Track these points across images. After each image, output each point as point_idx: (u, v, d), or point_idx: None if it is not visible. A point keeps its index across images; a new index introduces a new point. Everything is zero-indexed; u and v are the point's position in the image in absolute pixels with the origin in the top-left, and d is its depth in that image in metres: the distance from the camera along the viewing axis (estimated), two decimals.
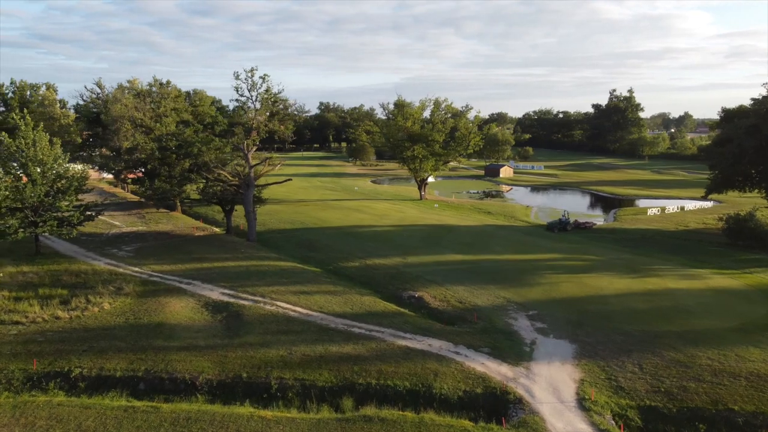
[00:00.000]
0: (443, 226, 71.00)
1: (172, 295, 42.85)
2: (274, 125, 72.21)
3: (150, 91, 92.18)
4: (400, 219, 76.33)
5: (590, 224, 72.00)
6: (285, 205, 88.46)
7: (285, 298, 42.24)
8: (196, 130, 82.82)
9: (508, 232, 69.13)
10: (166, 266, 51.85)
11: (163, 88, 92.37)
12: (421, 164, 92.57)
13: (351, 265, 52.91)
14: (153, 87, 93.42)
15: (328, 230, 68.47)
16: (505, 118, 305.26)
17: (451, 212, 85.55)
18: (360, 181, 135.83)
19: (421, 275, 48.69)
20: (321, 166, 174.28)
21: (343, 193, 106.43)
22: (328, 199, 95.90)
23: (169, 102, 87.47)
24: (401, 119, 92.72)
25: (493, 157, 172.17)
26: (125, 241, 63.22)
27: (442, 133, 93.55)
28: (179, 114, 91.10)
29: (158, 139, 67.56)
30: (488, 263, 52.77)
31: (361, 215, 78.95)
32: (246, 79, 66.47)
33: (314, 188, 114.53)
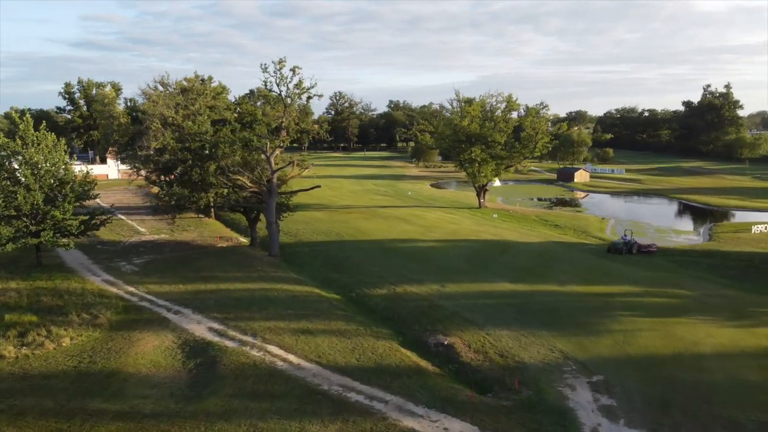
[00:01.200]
0: (498, 243, 60.65)
1: (150, 329, 35.67)
2: (307, 124, 64.51)
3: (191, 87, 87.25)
4: (450, 232, 66.58)
5: (652, 248, 59.25)
6: (327, 212, 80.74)
7: (280, 339, 33.98)
8: (233, 129, 76.67)
9: (576, 253, 57.87)
10: (166, 286, 45.19)
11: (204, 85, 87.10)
12: (479, 168, 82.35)
13: (377, 292, 44.01)
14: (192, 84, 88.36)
15: (364, 245, 59.84)
16: (584, 117, 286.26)
17: (511, 224, 74.77)
18: (419, 184, 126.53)
19: (457, 311, 39.07)
20: (381, 167, 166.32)
21: (394, 199, 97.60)
22: (376, 206, 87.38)
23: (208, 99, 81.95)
24: (457, 117, 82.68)
25: (568, 160, 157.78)
26: (139, 252, 57.47)
27: (504, 134, 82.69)
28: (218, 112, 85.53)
29: (181, 140, 61.24)
30: (546, 297, 42.31)
31: (406, 226, 69.82)
32: (274, 72, 58.92)
33: (365, 192, 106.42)
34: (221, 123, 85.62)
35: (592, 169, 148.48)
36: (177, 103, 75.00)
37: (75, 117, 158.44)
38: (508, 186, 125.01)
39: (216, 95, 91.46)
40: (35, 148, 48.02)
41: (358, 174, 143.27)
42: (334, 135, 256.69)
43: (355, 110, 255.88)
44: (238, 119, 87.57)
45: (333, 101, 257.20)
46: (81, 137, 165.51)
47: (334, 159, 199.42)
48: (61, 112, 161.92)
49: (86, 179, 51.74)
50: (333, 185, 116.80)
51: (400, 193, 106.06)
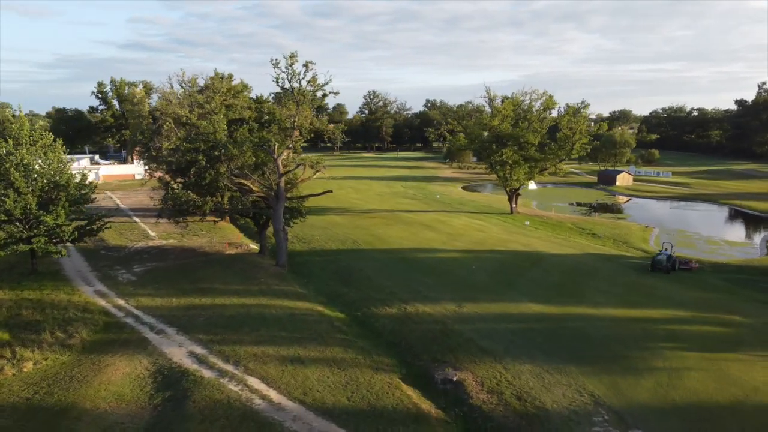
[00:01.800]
0: (528, 255, 55.17)
1: (126, 352, 32.05)
2: (322, 123, 60.36)
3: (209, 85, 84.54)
4: (476, 241, 61.37)
5: (691, 264, 52.45)
6: (348, 217, 76.52)
7: (264, 370, 29.81)
8: (251, 129, 73.28)
9: (615, 267, 51.91)
10: (159, 299, 41.77)
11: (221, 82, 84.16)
12: (511, 171, 76.73)
13: (385, 311, 39.40)
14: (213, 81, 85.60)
15: (380, 255, 55.29)
16: (628, 117, 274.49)
17: (544, 232, 68.95)
18: (450, 186, 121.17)
19: (473, 338, 34.15)
20: (413, 168, 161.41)
21: (421, 203, 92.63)
22: (401, 210, 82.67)
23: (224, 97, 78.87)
24: (487, 117, 77.19)
25: (610, 162, 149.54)
26: (142, 259, 54.42)
27: (538, 134, 76.71)
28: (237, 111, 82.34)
29: (189, 139, 57.94)
30: (578, 322, 36.90)
31: (429, 234, 64.92)
32: (286, 67, 54.95)
33: (392, 195, 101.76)
34: (239, 122, 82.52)
35: (635, 171, 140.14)
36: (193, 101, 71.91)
37: (107, 116, 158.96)
38: (545, 189, 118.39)
39: (236, 93, 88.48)
40: (27, 149, 45.22)
41: (388, 175, 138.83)
42: (368, 135, 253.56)
43: (389, 110, 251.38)
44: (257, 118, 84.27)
45: (367, 100, 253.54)
46: (113, 137, 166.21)
47: (366, 159, 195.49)
48: (94, 112, 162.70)
49: (82, 182, 48.73)
50: (360, 187, 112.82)
51: (428, 196, 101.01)
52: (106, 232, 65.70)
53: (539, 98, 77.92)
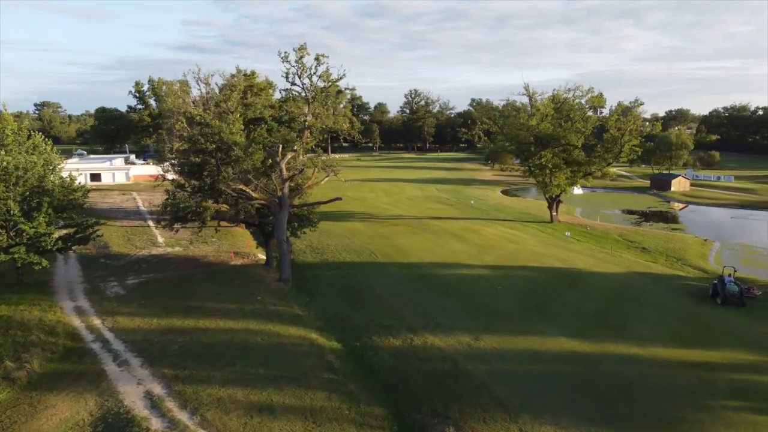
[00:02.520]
0: (565, 273, 48.34)
1: (74, 390, 27.59)
2: (337, 123, 55.05)
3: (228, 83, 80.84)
4: (507, 255, 54.82)
5: (753, 291, 43.84)
6: (371, 223, 71.05)
7: (224, 422, 24.70)
8: (270, 128, 68.91)
9: (667, 291, 44.51)
10: (139, 320, 37.45)
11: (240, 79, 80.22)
12: (551, 176, 69.59)
13: (388, 342, 33.71)
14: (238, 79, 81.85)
15: (397, 269, 49.55)
16: (686, 116, 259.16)
17: (586, 245, 61.59)
18: (488, 190, 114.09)
19: (486, 383, 28.11)
20: (452, 170, 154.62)
21: (453, 209, 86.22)
22: (430, 217, 76.62)
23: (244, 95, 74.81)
24: (525, 115, 70.17)
25: (665, 165, 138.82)
26: (139, 270, 50.54)
27: (581, 135, 69.17)
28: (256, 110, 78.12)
29: (191, 140, 53.73)
30: (617, 365, 30.25)
31: (456, 245, 58.71)
32: (295, 61, 49.91)
33: (423, 199, 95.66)
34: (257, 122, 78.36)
35: (693, 175, 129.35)
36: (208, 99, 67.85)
37: (144, 116, 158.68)
38: (591, 195, 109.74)
39: (258, 91, 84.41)
40: (5, 149, 41.64)
41: (424, 178, 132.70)
42: (409, 135, 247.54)
43: (431, 109, 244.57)
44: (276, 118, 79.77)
45: (408, 99, 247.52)
46: (151, 136, 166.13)
47: (405, 160, 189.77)
48: (132, 111, 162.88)
49: (69, 186, 44.91)
50: (392, 190, 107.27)
51: (462, 201, 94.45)
52: (112, 238, 62.70)
53: (584, 95, 70.43)
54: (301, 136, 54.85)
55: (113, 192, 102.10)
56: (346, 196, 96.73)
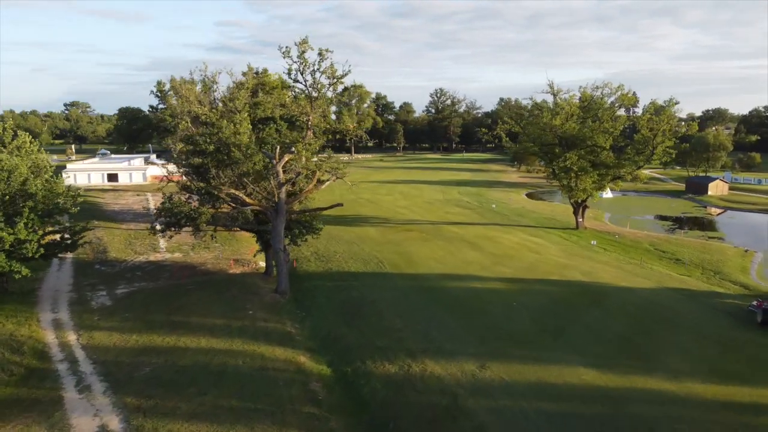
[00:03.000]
0: (589, 288, 43.86)
1: (21, 423, 24.78)
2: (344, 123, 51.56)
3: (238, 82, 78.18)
4: (526, 266, 50.51)
5: None
6: (383, 228, 67.37)
7: None
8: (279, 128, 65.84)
9: (703, 312, 39.69)
10: (116, 336, 34.67)
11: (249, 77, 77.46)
12: (576, 180, 64.80)
13: (383, 369, 30.03)
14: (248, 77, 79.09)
15: (404, 281, 45.79)
16: (724, 116, 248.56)
17: (614, 255, 56.76)
18: (512, 193, 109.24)
19: (488, 426, 24.19)
20: (477, 172, 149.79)
21: (473, 213, 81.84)
22: (446, 222, 72.51)
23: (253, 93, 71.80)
24: (548, 114, 65.46)
25: (701, 167, 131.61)
26: (132, 278, 47.96)
27: (609, 135, 64.15)
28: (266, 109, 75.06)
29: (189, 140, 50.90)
30: (645, 406, 25.95)
31: (471, 254, 54.62)
32: (297, 56, 46.64)
33: (443, 203, 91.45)
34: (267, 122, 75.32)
35: (731, 178, 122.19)
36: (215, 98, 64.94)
37: (166, 115, 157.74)
38: (622, 198, 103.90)
39: (270, 89, 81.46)
40: None
41: (447, 179, 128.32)
42: (434, 135, 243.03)
43: (457, 108, 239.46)
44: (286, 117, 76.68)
45: (433, 98, 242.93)
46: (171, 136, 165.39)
47: (429, 161, 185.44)
48: (154, 111, 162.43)
49: (54, 190, 42.27)
50: (411, 193, 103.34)
51: (483, 205, 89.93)
52: (114, 242, 60.33)
53: (613, 93, 65.38)
54: (304, 137, 51.64)
55: (128, 192, 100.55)
56: (362, 199, 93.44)
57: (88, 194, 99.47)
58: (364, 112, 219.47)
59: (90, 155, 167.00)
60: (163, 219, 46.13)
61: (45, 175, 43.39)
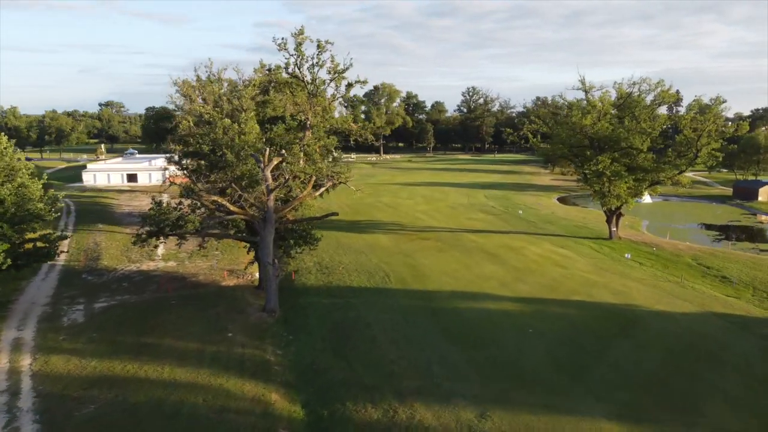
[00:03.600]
0: (619, 313, 38.24)
1: None
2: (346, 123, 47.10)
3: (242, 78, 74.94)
4: (548, 283, 45.06)
5: None
6: (398, 236, 62.61)
7: None
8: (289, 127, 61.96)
9: (754, 345, 33.65)
10: (74, 362, 31.27)
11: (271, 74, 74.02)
12: (610, 185, 58.77)
13: (365, 414, 25.41)
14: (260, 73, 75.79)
15: (408, 299, 41.03)
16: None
17: (650, 271, 50.66)
18: (542, 197, 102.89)
19: None
20: (507, 174, 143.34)
21: (498, 220, 76.19)
22: (467, 230, 67.25)
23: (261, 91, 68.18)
24: (577, 113, 59.46)
25: (750, 170, 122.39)
26: (116, 290, 44.62)
27: (647, 137, 57.82)
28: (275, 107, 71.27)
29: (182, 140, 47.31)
30: None
31: (489, 268, 49.43)
32: (294, 49, 42.38)
33: (466, 208, 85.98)
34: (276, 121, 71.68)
35: None
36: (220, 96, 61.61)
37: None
38: (662, 204, 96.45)
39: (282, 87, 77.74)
40: None
41: (475, 182, 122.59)
42: (466, 135, 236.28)
43: (490, 108, 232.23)
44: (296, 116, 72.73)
45: (465, 97, 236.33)
46: None
47: (459, 162, 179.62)
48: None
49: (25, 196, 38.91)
50: (434, 196, 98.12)
51: (510, 211, 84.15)
52: (110, 248, 57.30)
53: (652, 89, 58.96)
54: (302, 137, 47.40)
55: (144, 194, 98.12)
56: (380, 203, 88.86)
57: (103, 195, 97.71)
58: (392, 112, 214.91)
59: (119, 155, 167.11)
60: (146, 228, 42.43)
61: (19, 179, 40.15)
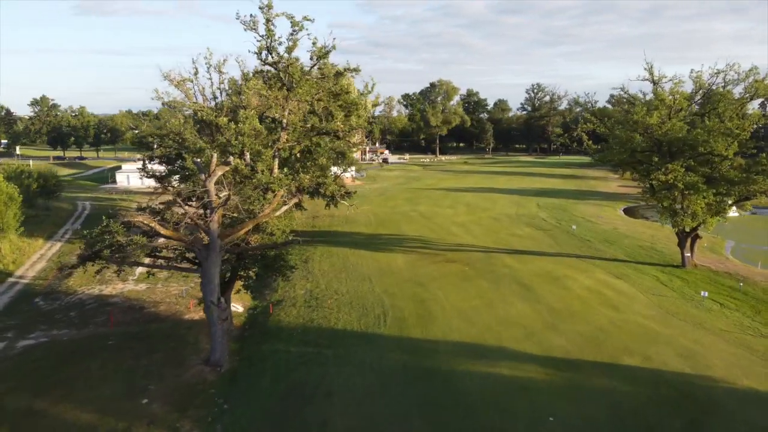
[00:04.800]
0: (689, 390, 27.01)
1: None
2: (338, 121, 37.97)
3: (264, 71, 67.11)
4: (590, 334, 34.02)
5: None
6: (416, 257, 52.82)
7: None
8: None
9: None
10: None
11: None
12: (683, 200, 46.49)
13: None
14: None
15: (396, 355, 31.36)
16: None
17: (735, 317, 38.32)
18: (606, 208, 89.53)
19: None
20: (570, 179, 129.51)
21: (545, 237, 64.36)
22: (504, 250, 56.38)
23: None
24: (641, 110, 47.22)
25: None
26: (57, 321, 37.74)
27: (734, 140, 45.03)
28: None
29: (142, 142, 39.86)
30: None
31: (517, 307, 38.83)
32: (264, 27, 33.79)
33: (512, 220, 74.47)
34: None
35: None
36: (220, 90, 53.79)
37: None
38: (752, 219, 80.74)
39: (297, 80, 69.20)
40: None
41: (531, 188, 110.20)
42: (530, 135, 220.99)
43: (556, 106, 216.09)
44: None
45: (530, 95, 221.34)
46: None
47: (519, 165, 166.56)
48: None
49: None
50: (480, 205, 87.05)
51: (563, 224, 71.98)
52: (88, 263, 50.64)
53: (741, 80, 46.10)
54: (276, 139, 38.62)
55: None
56: (415, 212, 79.01)
57: (129, 198, 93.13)
58: (450, 110, 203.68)
59: None
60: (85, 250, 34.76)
61: None
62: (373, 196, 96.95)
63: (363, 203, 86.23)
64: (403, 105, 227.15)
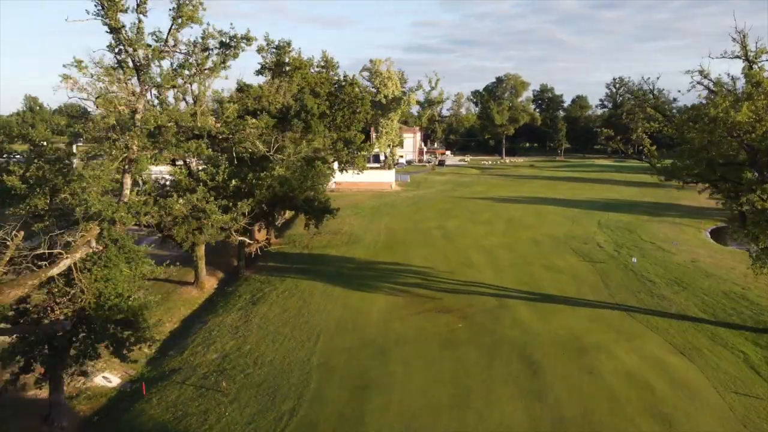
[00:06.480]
0: None
1: None
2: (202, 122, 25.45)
3: None
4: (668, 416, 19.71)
5: None
6: (405, 300, 39.58)
7: None
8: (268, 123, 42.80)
9: None
10: None
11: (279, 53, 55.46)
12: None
13: None
14: None
15: None
16: None
17: None
18: (685, 227, 71.45)
19: None
20: (649, 187, 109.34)
21: (589, 273, 48.57)
22: (525, 294, 41.78)
23: None
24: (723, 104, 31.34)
25: None
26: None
27: None
28: None
29: None
30: None
31: (505, 412, 24.96)
32: None
33: (555, 246, 58.68)
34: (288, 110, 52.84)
35: None
36: None
37: None
38: None
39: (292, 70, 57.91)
40: None
41: (596, 198, 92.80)
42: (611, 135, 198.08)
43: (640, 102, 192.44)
44: None
45: (610, 90, 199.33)
46: None
47: (591, 169, 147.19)
48: None
49: None
50: (524, 221, 71.53)
51: (621, 254, 55.45)
52: None
53: None
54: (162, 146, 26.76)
55: None
56: (436, 230, 64.96)
57: None
58: (517, 107, 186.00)
59: None
60: None
61: None
62: (403, 206, 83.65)
63: (382, 216, 73.43)
64: (472, 102, 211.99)
